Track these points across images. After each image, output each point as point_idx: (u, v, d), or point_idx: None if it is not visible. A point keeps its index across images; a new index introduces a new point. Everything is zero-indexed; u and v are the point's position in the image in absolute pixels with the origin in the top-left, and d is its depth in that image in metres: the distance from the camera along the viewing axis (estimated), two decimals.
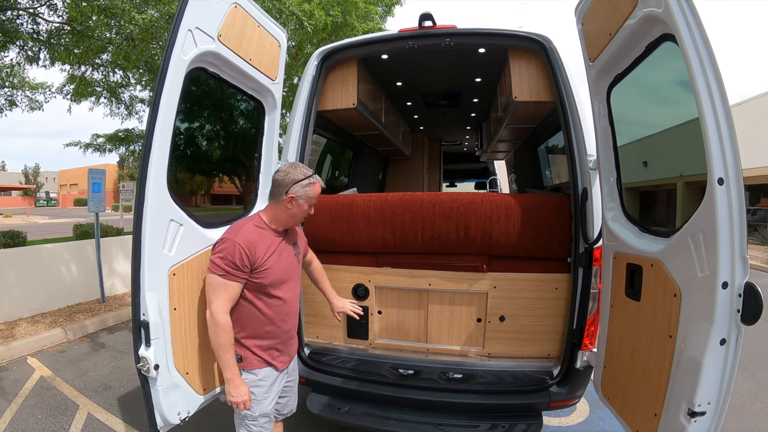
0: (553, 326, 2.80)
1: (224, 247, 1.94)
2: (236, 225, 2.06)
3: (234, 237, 1.95)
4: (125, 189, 9.71)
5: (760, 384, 4.24)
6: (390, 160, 6.89)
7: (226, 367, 1.94)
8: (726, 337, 1.49)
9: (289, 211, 2.06)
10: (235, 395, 1.95)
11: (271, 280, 2.03)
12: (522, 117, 3.66)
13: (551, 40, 2.75)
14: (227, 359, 1.94)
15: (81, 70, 7.18)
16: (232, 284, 1.95)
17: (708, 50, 1.49)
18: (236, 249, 1.93)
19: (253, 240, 1.98)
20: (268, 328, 2.07)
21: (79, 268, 6.59)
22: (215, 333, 1.92)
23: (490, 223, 2.80)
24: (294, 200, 2.03)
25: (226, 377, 1.95)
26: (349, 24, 6.86)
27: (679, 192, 4.15)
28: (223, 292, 1.94)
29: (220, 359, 1.94)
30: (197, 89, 2.57)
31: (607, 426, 3.41)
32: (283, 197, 2.02)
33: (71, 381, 4.21)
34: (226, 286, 1.94)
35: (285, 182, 2.02)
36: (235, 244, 1.93)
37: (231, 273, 1.93)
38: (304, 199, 2.05)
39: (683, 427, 1.58)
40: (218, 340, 1.92)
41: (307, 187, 2.04)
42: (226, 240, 1.97)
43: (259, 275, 2.00)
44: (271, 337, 2.09)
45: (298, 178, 2.02)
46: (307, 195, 2.06)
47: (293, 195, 2.02)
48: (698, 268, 1.60)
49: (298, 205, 2.05)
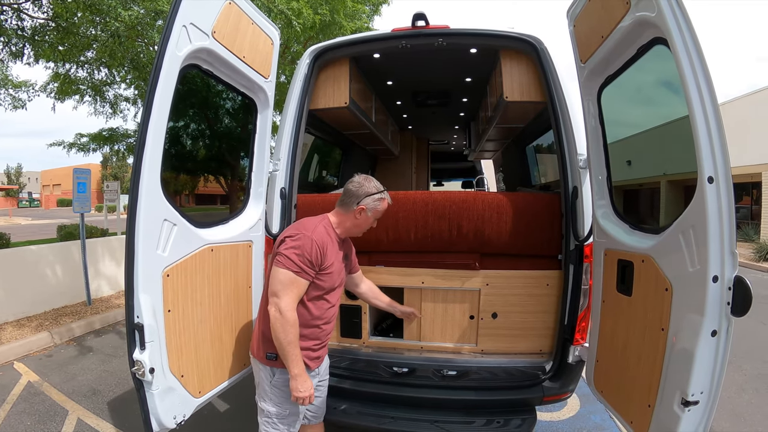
0: (544, 322, 2.84)
1: (300, 243, 1.95)
2: (307, 223, 2.08)
3: (310, 234, 1.98)
4: (109, 189, 9.48)
5: (746, 376, 4.40)
6: (378, 159, 6.91)
7: (294, 363, 1.93)
8: (717, 329, 1.54)
9: (356, 220, 2.14)
10: (302, 390, 1.94)
11: (329, 284, 2.08)
12: (512, 117, 3.70)
13: (542, 41, 2.79)
14: (296, 355, 1.93)
15: (65, 68, 7.02)
16: (303, 281, 1.96)
17: (699, 54, 1.54)
18: (313, 246, 1.95)
19: (325, 241, 2.03)
20: (312, 330, 2.08)
21: (65, 270, 6.46)
22: (284, 330, 1.90)
23: (482, 222, 2.83)
24: (363, 211, 2.12)
25: (294, 373, 1.94)
26: (337, 23, 6.83)
27: (663, 190, 4.28)
28: (294, 288, 1.94)
29: (288, 355, 1.92)
30: (191, 87, 2.54)
31: (599, 420, 3.48)
32: (353, 207, 2.11)
33: (59, 386, 4.12)
34: (297, 282, 1.94)
35: (358, 194, 2.11)
36: (313, 242, 1.96)
37: (304, 270, 1.94)
38: (372, 212, 2.15)
39: (677, 416, 1.63)
40: (288, 336, 1.90)
41: (377, 201, 2.14)
42: (300, 236, 1.97)
43: (322, 277, 2.03)
44: (312, 338, 2.10)
45: (370, 191, 2.12)
46: (376, 209, 2.15)
47: (363, 206, 2.11)
48: (689, 263, 1.65)
49: (366, 216, 2.14)
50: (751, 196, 17.23)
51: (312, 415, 2.33)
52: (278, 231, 2.85)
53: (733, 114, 15.21)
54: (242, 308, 2.57)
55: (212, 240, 2.32)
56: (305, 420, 2.31)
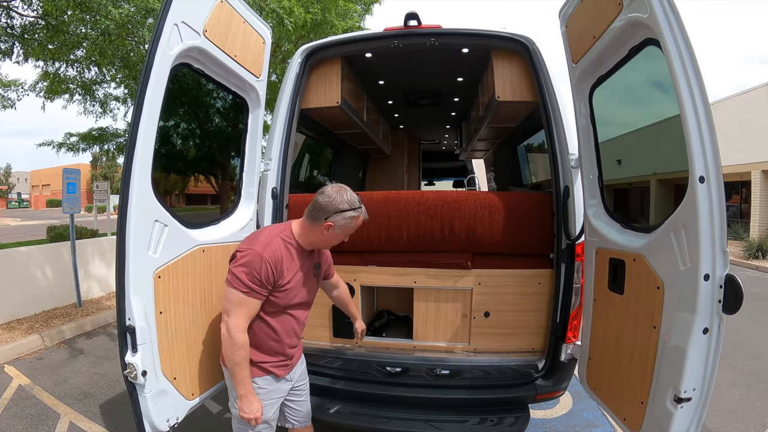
0: (537, 321, 2.86)
1: (249, 261, 1.80)
2: (262, 236, 1.92)
3: (261, 251, 1.82)
4: (99, 189, 9.34)
5: (737, 373, 4.46)
6: (370, 158, 6.90)
7: (240, 384, 1.86)
8: (708, 326, 1.56)
9: (323, 236, 1.94)
10: (247, 411, 1.87)
11: (288, 300, 1.95)
12: (503, 116, 3.72)
13: (534, 41, 2.81)
14: (243, 376, 1.85)
15: (55, 67, 6.92)
16: (253, 301, 1.84)
17: (691, 55, 1.56)
18: (263, 265, 1.81)
19: (279, 257, 1.87)
20: (273, 344, 1.99)
21: (55, 272, 6.37)
22: (232, 351, 1.81)
23: (474, 221, 2.84)
24: (331, 228, 1.90)
25: (240, 393, 1.87)
26: (329, 22, 6.80)
27: (653, 189, 4.33)
28: (243, 308, 1.82)
29: (235, 376, 1.85)
30: (182, 86, 2.51)
31: (591, 417, 3.51)
32: (321, 222, 1.89)
33: (51, 389, 4.07)
34: (247, 303, 1.82)
35: (327, 209, 1.87)
36: (263, 260, 1.81)
37: (254, 290, 1.82)
38: (341, 230, 1.93)
39: (670, 413, 1.65)
40: (234, 358, 1.82)
41: (349, 219, 1.91)
42: (249, 253, 1.82)
43: (279, 294, 1.91)
44: (275, 353, 2.01)
45: (341, 207, 1.87)
46: (347, 226, 1.93)
47: (331, 223, 1.89)
48: (680, 261, 1.67)
49: (334, 233, 1.93)
50: (740, 194, 17.51)
51: (297, 419, 2.28)
52: None
53: (722, 114, 15.42)
54: None
55: (204, 241, 2.30)
56: (290, 424, 2.27)
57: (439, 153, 8.74)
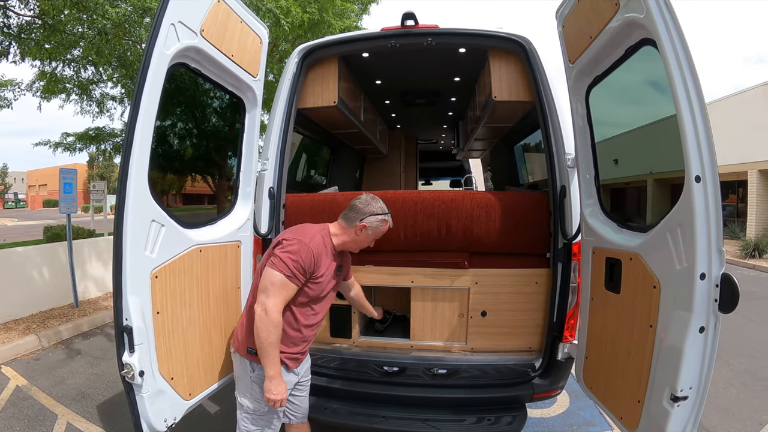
0: (533, 320, 2.87)
1: (297, 249, 1.97)
2: (306, 229, 2.11)
3: (308, 242, 2.01)
4: (96, 189, 9.31)
5: (734, 372, 4.48)
6: (367, 158, 6.90)
7: (271, 364, 1.95)
8: (705, 325, 1.57)
9: (356, 237, 2.18)
10: (275, 393, 1.96)
11: (317, 293, 2.10)
12: (500, 116, 3.72)
13: (531, 42, 2.81)
14: (274, 356, 1.95)
15: (52, 66, 6.90)
16: (292, 286, 1.98)
17: (687, 55, 1.57)
18: (309, 254, 1.99)
19: (320, 250, 2.06)
20: (293, 333, 2.10)
21: (51, 272, 6.35)
22: (268, 330, 1.91)
23: (471, 221, 2.84)
24: (365, 229, 2.16)
25: (269, 374, 1.95)
26: (326, 21, 6.79)
27: (650, 189, 4.35)
28: (284, 291, 1.96)
29: (267, 355, 1.94)
30: (179, 85, 2.50)
31: (588, 416, 3.52)
32: (356, 223, 2.15)
33: (48, 390, 4.06)
34: (288, 286, 1.97)
35: (363, 211, 2.15)
36: (309, 249, 1.99)
37: (296, 276, 1.97)
38: (372, 231, 2.19)
39: (667, 411, 1.66)
40: (270, 337, 1.92)
41: (380, 222, 2.19)
42: (298, 242, 2.00)
43: (312, 285, 2.06)
44: (292, 342, 2.11)
45: (375, 211, 2.17)
46: (378, 228, 2.21)
47: (366, 224, 2.15)
48: (677, 260, 1.68)
49: (366, 234, 2.18)
50: (737, 194, 17.59)
51: (294, 415, 2.33)
52: (266, 231, 2.83)
53: (719, 113, 15.49)
54: (231, 309, 2.54)
55: (200, 240, 2.30)
56: (287, 419, 2.31)
57: (436, 153, 8.75)
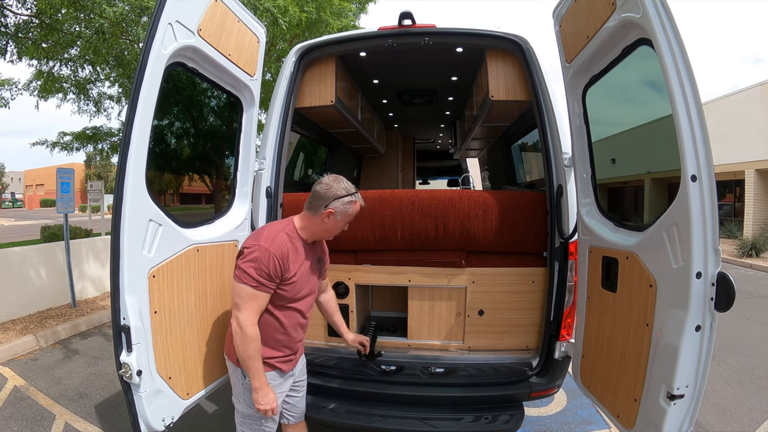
0: (530, 319, 2.88)
1: (258, 256, 1.87)
2: (267, 231, 1.99)
3: (268, 246, 1.89)
4: (93, 189, 9.27)
5: (730, 370, 4.50)
6: (364, 157, 6.90)
7: (255, 376, 1.92)
8: (701, 324, 1.58)
9: (325, 225, 2.02)
10: (263, 403, 1.93)
11: (294, 293, 2.01)
12: (497, 115, 3.73)
13: (528, 41, 2.82)
14: (257, 368, 1.91)
15: (49, 65, 6.88)
16: (262, 295, 1.91)
17: (683, 55, 1.57)
18: (270, 259, 1.88)
19: (285, 251, 1.94)
20: (280, 338, 2.05)
21: (49, 272, 6.34)
22: (245, 344, 1.87)
23: (468, 220, 2.85)
24: (332, 215, 1.99)
25: (255, 386, 1.92)
26: (323, 21, 6.77)
27: (647, 188, 4.36)
28: (253, 302, 1.89)
29: (249, 368, 1.91)
30: (176, 85, 2.50)
31: (585, 414, 3.54)
32: (321, 210, 1.98)
33: (46, 390, 4.06)
34: (256, 296, 1.89)
35: (326, 196, 1.97)
36: (270, 254, 1.88)
37: (263, 284, 1.89)
38: (341, 216, 2.02)
39: (663, 409, 1.67)
40: (248, 351, 1.87)
41: (347, 204, 2.00)
42: (258, 248, 1.89)
43: (286, 287, 1.97)
44: (282, 346, 2.07)
45: (339, 194, 1.98)
46: (346, 212, 2.02)
47: (332, 210, 1.98)
48: (673, 259, 1.69)
49: (334, 220, 2.02)
50: (734, 193, 17.68)
51: (292, 415, 2.32)
52: None
53: (716, 113, 15.58)
54: (228, 308, 2.54)
55: (198, 240, 2.29)
56: (285, 419, 2.30)
57: (433, 152, 8.75)
